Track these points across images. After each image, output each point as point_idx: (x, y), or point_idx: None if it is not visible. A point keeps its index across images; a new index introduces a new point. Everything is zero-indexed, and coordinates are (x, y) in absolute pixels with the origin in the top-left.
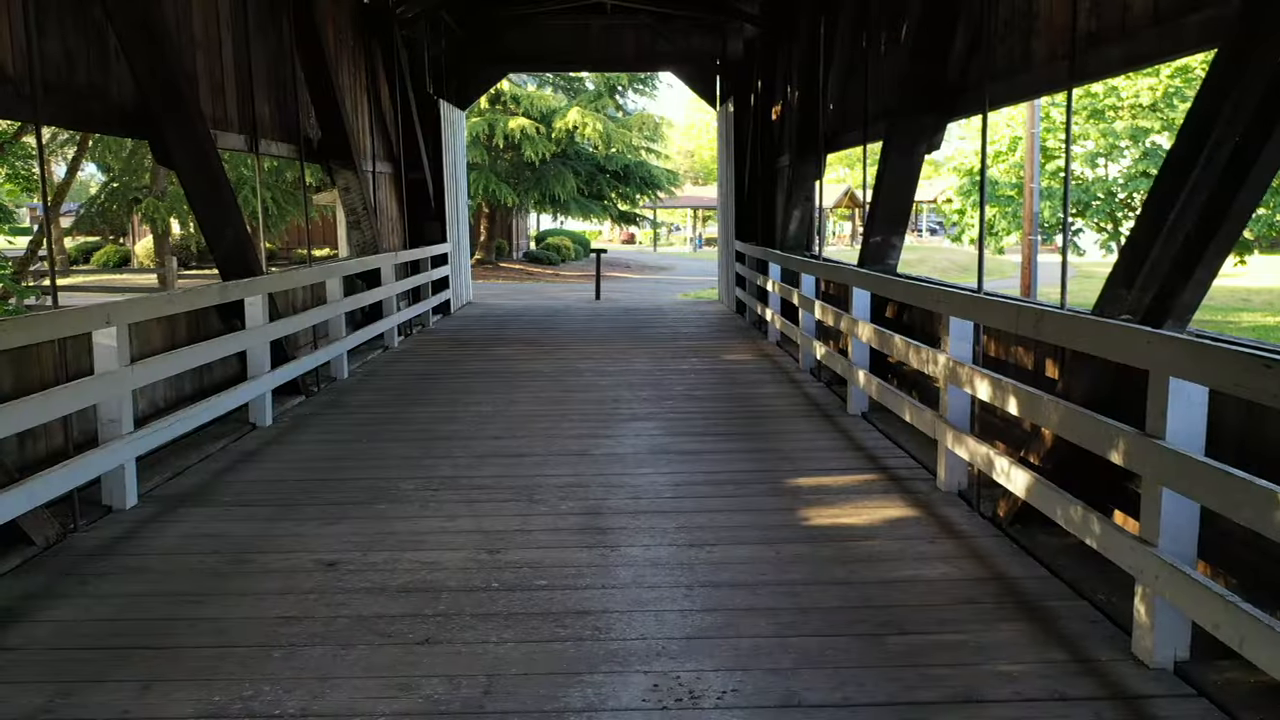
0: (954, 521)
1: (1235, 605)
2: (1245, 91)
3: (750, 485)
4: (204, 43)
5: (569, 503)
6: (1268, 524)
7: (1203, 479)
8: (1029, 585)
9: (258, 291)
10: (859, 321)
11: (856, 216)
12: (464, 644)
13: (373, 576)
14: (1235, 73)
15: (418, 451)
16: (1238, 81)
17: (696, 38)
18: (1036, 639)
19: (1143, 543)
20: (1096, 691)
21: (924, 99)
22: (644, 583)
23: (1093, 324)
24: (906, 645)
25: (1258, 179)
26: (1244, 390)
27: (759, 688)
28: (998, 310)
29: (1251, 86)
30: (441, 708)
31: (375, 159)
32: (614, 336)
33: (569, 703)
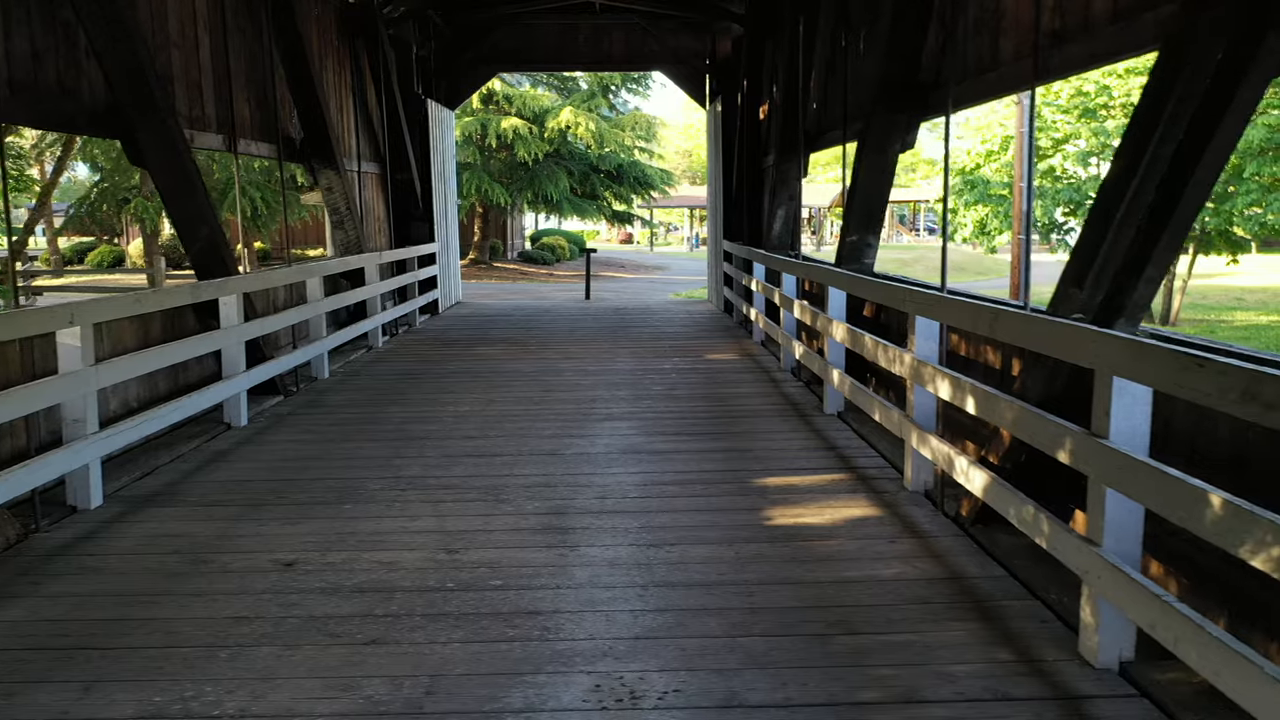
0: (917, 521)
1: (1170, 605)
2: (1186, 90)
3: (717, 485)
4: (180, 42)
5: (534, 503)
6: (1199, 523)
7: (1142, 478)
8: (984, 585)
9: (231, 291)
10: (833, 321)
11: None
12: (411, 644)
13: (329, 576)
14: (1175, 71)
15: (389, 451)
16: (1178, 80)
17: (686, 38)
18: (985, 639)
19: (1088, 542)
20: (1039, 692)
21: (896, 98)
22: (599, 583)
23: (1043, 323)
24: (854, 645)
25: (1203, 177)
26: (1181, 389)
27: (701, 688)
28: (958, 310)
29: (1192, 85)
30: (381, 708)
31: (361, 159)
32: (599, 336)
33: (509, 703)
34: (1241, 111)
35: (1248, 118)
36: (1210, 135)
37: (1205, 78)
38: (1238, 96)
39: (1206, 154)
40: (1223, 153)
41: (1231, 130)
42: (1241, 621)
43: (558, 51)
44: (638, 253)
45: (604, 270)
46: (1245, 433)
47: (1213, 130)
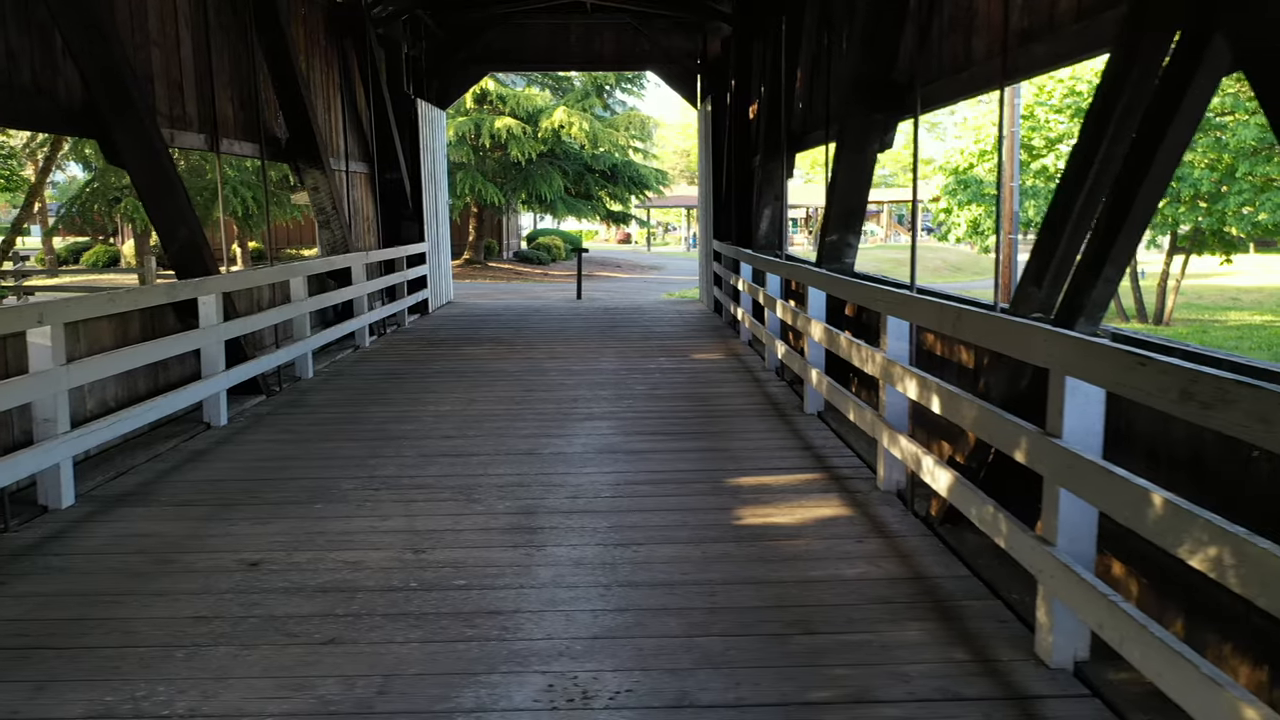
0: (886, 521)
1: (1116, 605)
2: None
3: (691, 484)
4: (160, 40)
5: (506, 502)
6: (1142, 523)
7: (1090, 478)
8: (947, 585)
9: (210, 291)
10: (812, 320)
11: None
12: (369, 644)
13: (293, 576)
14: (1125, 72)
15: (366, 451)
16: (1127, 80)
17: (677, 37)
18: (942, 639)
19: (1043, 542)
20: (991, 692)
21: (873, 98)
22: (563, 582)
23: (1001, 323)
24: (811, 645)
25: (1157, 176)
26: (1125, 389)
27: (654, 688)
28: (925, 309)
29: (1141, 85)
30: (331, 708)
31: (349, 158)
32: (587, 336)
33: (460, 703)
34: (1191, 113)
35: (1198, 119)
36: (1161, 136)
37: (1154, 78)
38: (1187, 98)
39: (1159, 154)
40: (1175, 153)
41: (1182, 131)
42: (1198, 621)
43: (549, 51)
44: (635, 252)
45: (599, 270)
46: (1201, 433)
47: (1164, 131)
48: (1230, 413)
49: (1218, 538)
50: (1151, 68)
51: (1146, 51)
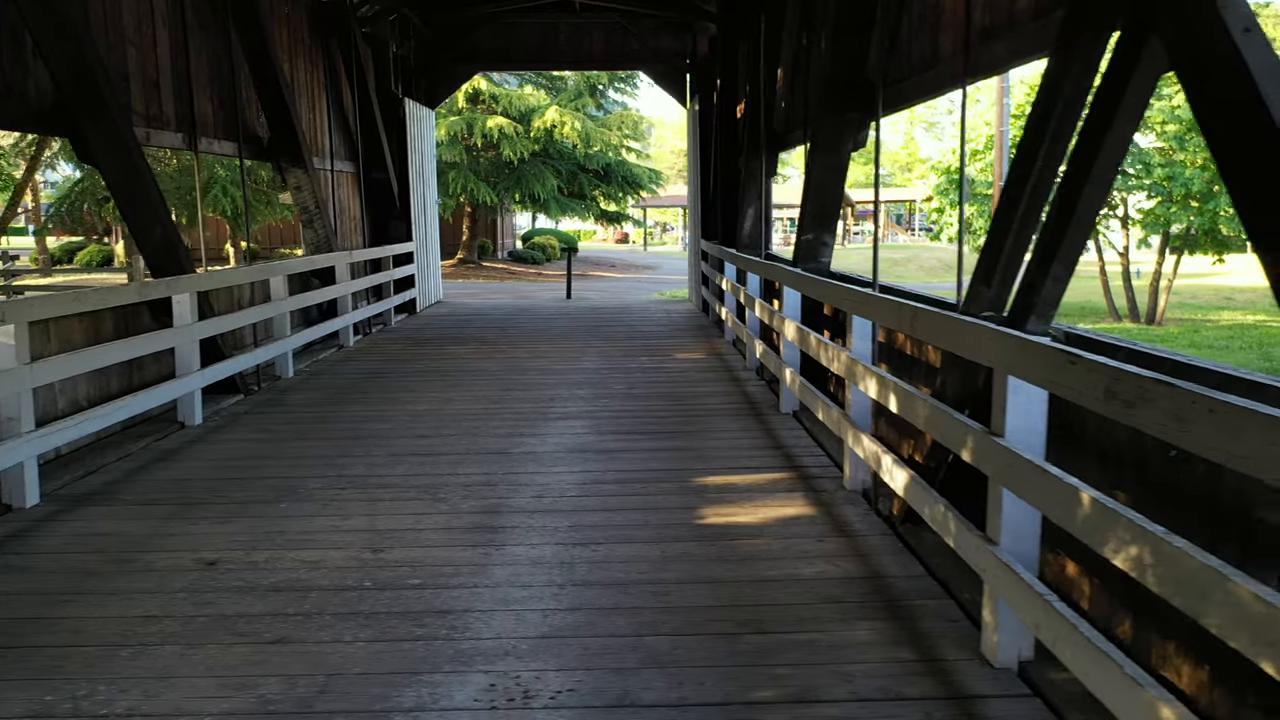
0: (848, 521)
1: (1050, 604)
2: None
3: (657, 484)
4: (136, 40)
5: (470, 501)
6: (1073, 522)
7: (1028, 476)
8: (901, 584)
9: (184, 290)
10: (786, 319)
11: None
12: (316, 643)
13: (248, 575)
14: (1063, 72)
15: (337, 450)
16: (1065, 80)
17: (667, 37)
18: (891, 638)
19: (987, 541)
20: (933, 691)
21: (844, 97)
22: (517, 582)
23: (951, 322)
24: (759, 644)
25: (1100, 176)
26: (1059, 388)
27: (596, 688)
28: (884, 308)
29: (1079, 85)
30: (271, 707)
31: (334, 158)
32: (571, 336)
33: (400, 703)
34: (1131, 113)
35: (1138, 118)
36: (1103, 136)
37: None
38: (1126, 98)
39: (1101, 154)
40: (1117, 152)
41: (1124, 130)
42: (1145, 621)
43: (538, 51)
44: (631, 252)
45: (594, 270)
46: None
47: (1105, 131)
48: (1150, 411)
49: (1139, 537)
50: (1089, 68)
51: (1083, 52)
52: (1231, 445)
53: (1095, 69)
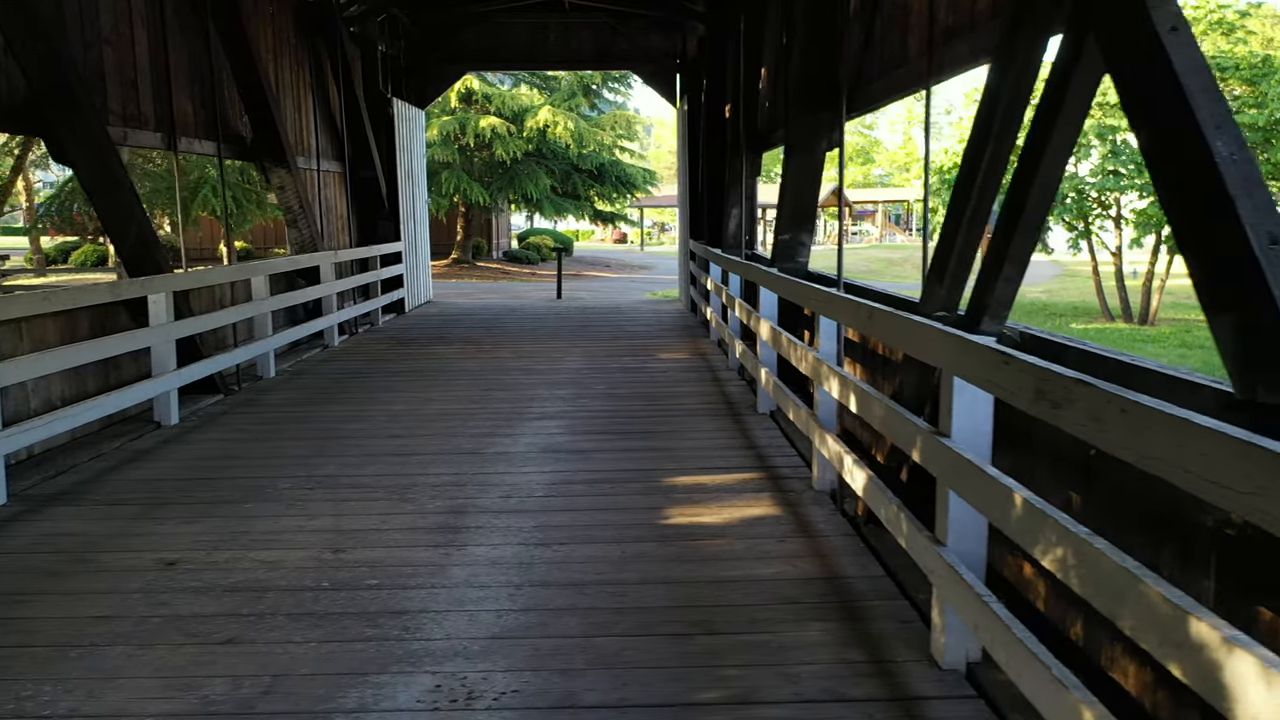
0: (813, 521)
1: (988, 606)
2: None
3: (626, 484)
4: (113, 39)
5: (438, 502)
6: (1008, 523)
7: (969, 478)
8: (858, 585)
9: (159, 289)
10: (762, 319)
11: (847, 215)
12: (266, 644)
13: (207, 576)
14: (1003, 75)
15: (310, 450)
16: (1003, 85)
17: (656, 37)
18: (841, 639)
19: (935, 542)
20: (878, 693)
21: (818, 97)
22: (475, 582)
23: (903, 322)
24: (710, 645)
25: (1046, 178)
26: (994, 388)
27: (541, 689)
28: (845, 308)
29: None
30: (213, 708)
31: (321, 157)
32: (558, 336)
33: (343, 703)
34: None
35: (1081, 120)
36: (1048, 138)
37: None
38: (1068, 100)
39: (1046, 155)
40: (1062, 153)
41: (1067, 132)
42: (1096, 621)
43: (527, 51)
44: (628, 252)
45: (589, 270)
46: None
47: (1049, 133)
48: (1073, 411)
49: (1063, 538)
50: (1029, 69)
51: (1024, 53)
52: (1141, 446)
53: (1035, 70)
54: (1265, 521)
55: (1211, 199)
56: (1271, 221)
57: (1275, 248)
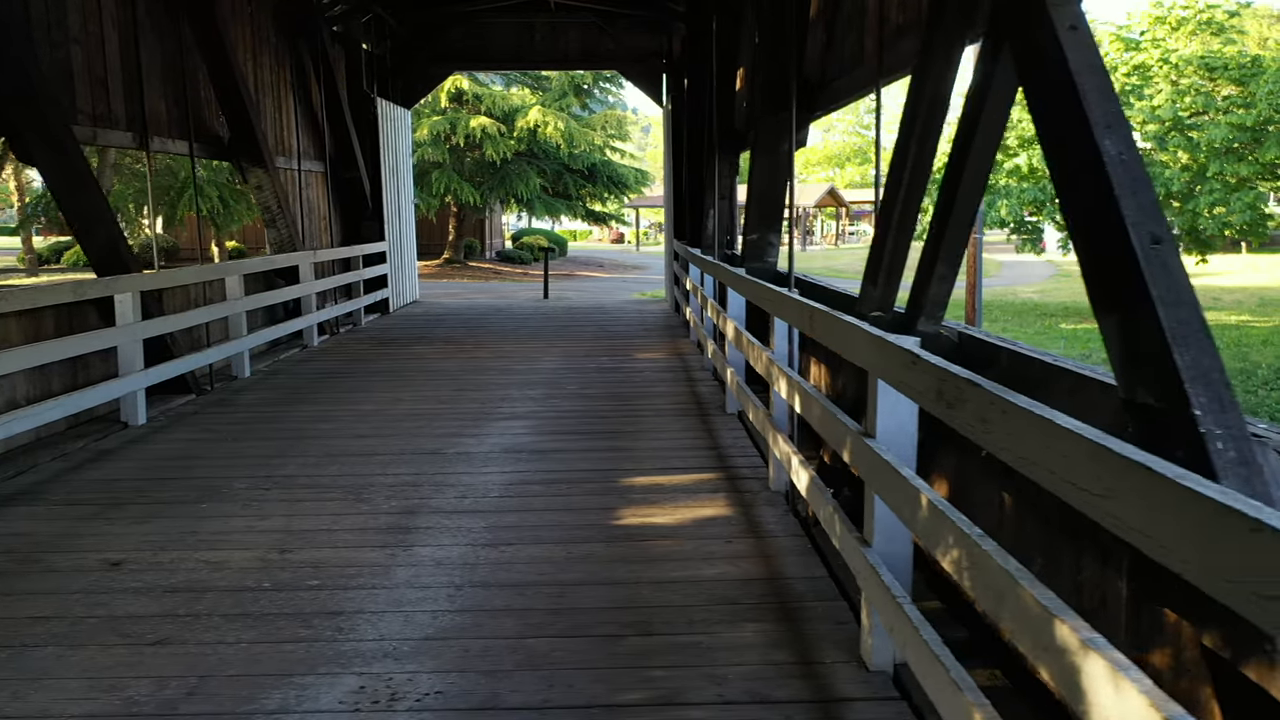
0: (763, 522)
1: (901, 607)
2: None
3: (583, 484)
4: (82, 38)
5: (392, 502)
6: (915, 524)
7: (886, 477)
8: (799, 586)
9: (125, 289)
10: (729, 320)
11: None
12: (198, 644)
13: (149, 576)
14: (925, 76)
15: (273, 450)
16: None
17: (642, 37)
18: (774, 640)
19: (863, 543)
20: (802, 695)
21: (783, 97)
22: (416, 583)
23: (837, 323)
24: (641, 647)
25: (972, 177)
26: (905, 387)
27: (465, 690)
28: (792, 308)
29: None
30: (135, 709)
31: (302, 157)
32: (539, 336)
33: (264, 704)
34: (995, 117)
35: (1003, 122)
36: (972, 139)
37: (949, 80)
38: (989, 103)
39: (971, 156)
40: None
41: (990, 134)
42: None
43: (513, 50)
44: (623, 252)
45: (582, 270)
46: None
47: (973, 134)
48: (964, 412)
49: (959, 540)
50: (948, 71)
51: (942, 55)
52: (1017, 446)
53: (953, 74)
54: (1115, 526)
55: (1099, 198)
56: (1154, 222)
57: (1156, 248)
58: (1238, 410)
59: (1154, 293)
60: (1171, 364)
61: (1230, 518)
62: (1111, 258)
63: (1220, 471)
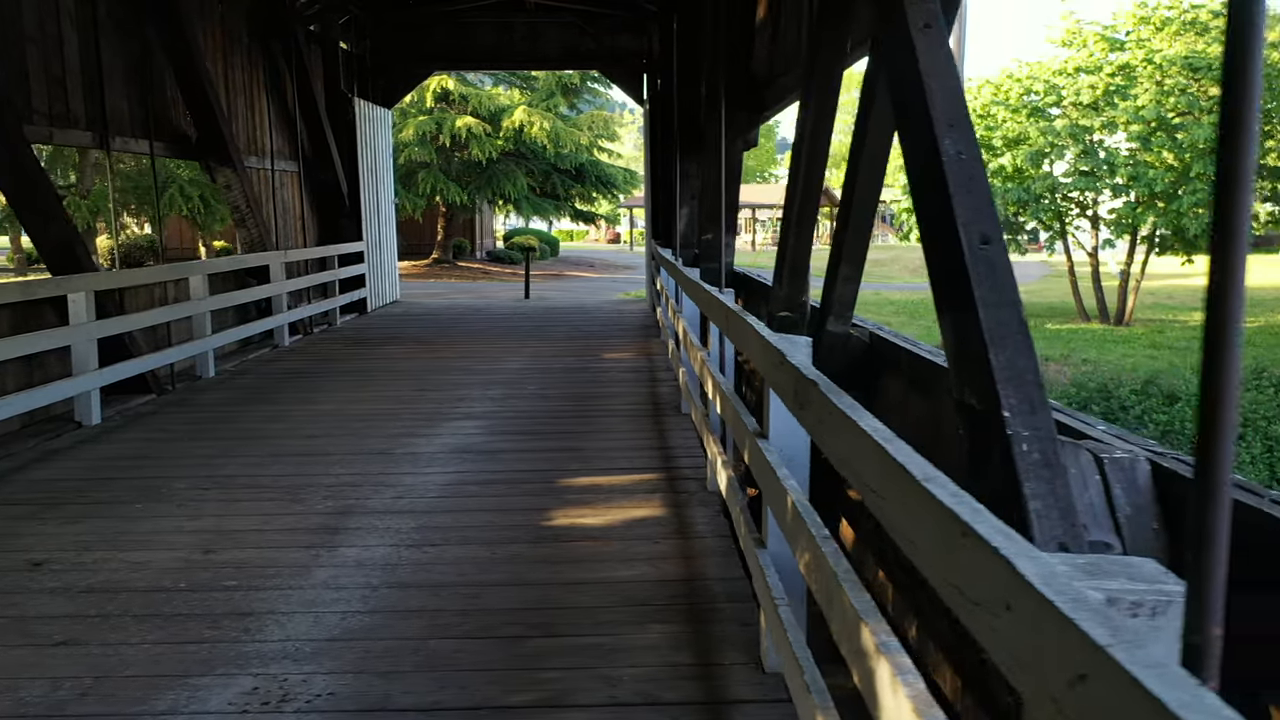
0: (694, 523)
1: (775, 608)
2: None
3: (522, 485)
4: (38, 37)
5: (329, 502)
6: (784, 522)
7: (767, 477)
8: (716, 587)
9: (78, 289)
10: (682, 319)
11: None
12: (100, 645)
13: (69, 576)
14: (809, 82)
15: (220, 450)
16: (813, 82)
17: (624, 37)
18: (677, 642)
19: (759, 545)
20: (694, 696)
21: (734, 95)
22: (334, 584)
23: (743, 325)
24: (543, 648)
25: (866, 181)
26: (777, 387)
27: (359, 691)
28: (718, 310)
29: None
30: (24, 709)
31: (276, 157)
32: (511, 336)
33: (155, 706)
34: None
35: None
36: (863, 143)
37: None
38: (875, 106)
39: (863, 159)
40: (879, 158)
41: (879, 139)
42: (922, 625)
43: (493, 50)
44: (618, 252)
45: (571, 270)
46: None
47: (863, 139)
48: (808, 413)
49: (808, 542)
50: (830, 83)
51: (824, 65)
52: (838, 448)
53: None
54: (889, 527)
55: (937, 197)
56: (985, 221)
57: (985, 249)
58: (1048, 412)
59: (977, 293)
60: (988, 364)
61: (952, 523)
62: (947, 257)
63: (1023, 474)
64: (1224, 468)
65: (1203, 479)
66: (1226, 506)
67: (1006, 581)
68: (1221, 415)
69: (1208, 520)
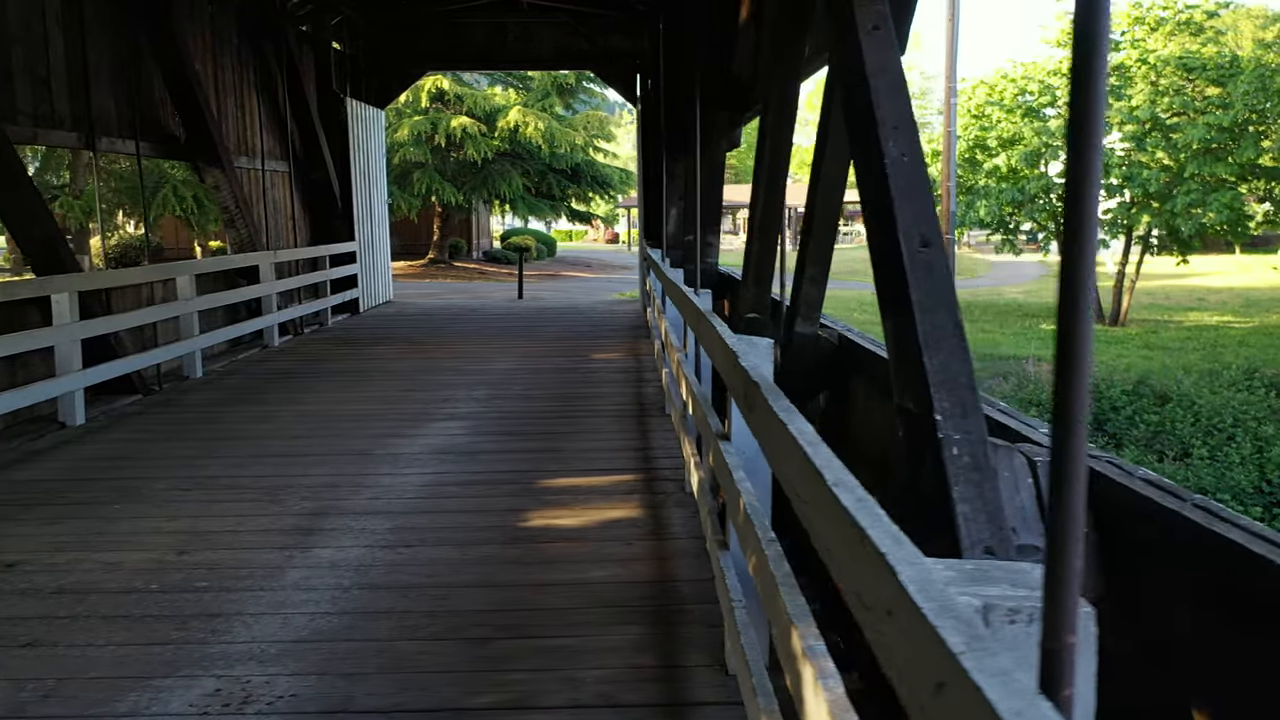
0: (670, 524)
1: (733, 610)
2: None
3: (501, 486)
4: (23, 37)
5: (306, 503)
6: (736, 522)
7: (726, 479)
8: (685, 589)
9: (62, 289)
10: (665, 319)
11: None
12: (67, 646)
13: (40, 578)
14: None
15: (201, 451)
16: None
17: (616, 37)
18: (642, 644)
19: (722, 547)
20: (654, 699)
21: (716, 96)
22: (305, 585)
23: (707, 326)
24: (508, 649)
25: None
26: (732, 390)
27: (321, 693)
28: (690, 310)
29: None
30: None
31: (266, 157)
32: (502, 336)
33: (116, 708)
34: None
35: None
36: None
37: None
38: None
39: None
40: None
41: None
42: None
43: (486, 50)
44: (616, 253)
45: (568, 270)
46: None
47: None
48: (754, 415)
49: (755, 545)
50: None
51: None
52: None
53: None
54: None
55: (880, 199)
56: (925, 224)
57: (924, 252)
58: (980, 415)
59: (914, 297)
60: (923, 368)
61: (852, 528)
62: (889, 260)
63: (953, 477)
64: (1077, 487)
65: (1056, 495)
66: (1080, 522)
67: (890, 588)
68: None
69: (1062, 532)
